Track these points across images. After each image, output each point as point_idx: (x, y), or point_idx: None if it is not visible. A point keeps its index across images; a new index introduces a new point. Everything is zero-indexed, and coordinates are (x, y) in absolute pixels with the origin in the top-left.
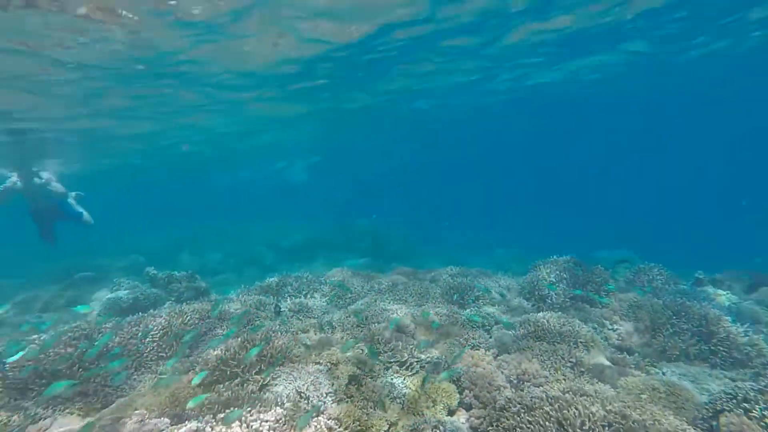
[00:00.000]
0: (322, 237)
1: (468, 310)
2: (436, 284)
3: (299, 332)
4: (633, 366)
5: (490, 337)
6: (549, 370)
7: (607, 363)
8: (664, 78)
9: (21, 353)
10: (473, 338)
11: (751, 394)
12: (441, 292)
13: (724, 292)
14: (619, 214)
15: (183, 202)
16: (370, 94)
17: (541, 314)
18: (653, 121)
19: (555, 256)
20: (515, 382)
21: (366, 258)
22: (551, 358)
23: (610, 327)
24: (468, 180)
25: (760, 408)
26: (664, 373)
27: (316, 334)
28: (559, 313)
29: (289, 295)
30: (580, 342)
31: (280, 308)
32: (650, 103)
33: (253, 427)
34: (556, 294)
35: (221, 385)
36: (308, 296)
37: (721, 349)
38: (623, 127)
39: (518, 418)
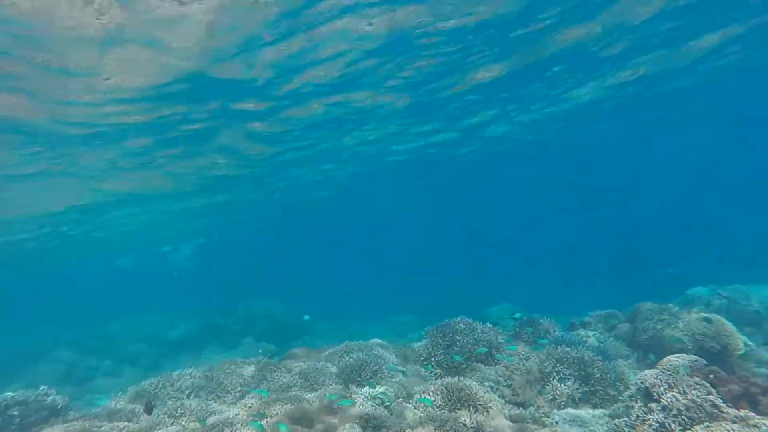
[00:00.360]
0: (212, 323)
1: (366, 388)
2: (333, 363)
3: None
4: (530, 420)
5: (391, 414)
6: None
7: (507, 422)
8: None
9: None
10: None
11: (625, 429)
12: (337, 371)
13: (593, 333)
14: (502, 269)
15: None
16: None
17: (439, 382)
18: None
19: (447, 320)
20: None
21: (264, 342)
22: (453, 427)
23: (504, 383)
24: (356, 250)
25: None
26: (556, 422)
27: None
28: (457, 378)
29: (169, 398)
30: (479, 405)
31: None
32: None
33: None
34: (451, 358)
35: None
36: (191, 396)
37: (599, 388)
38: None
39: None
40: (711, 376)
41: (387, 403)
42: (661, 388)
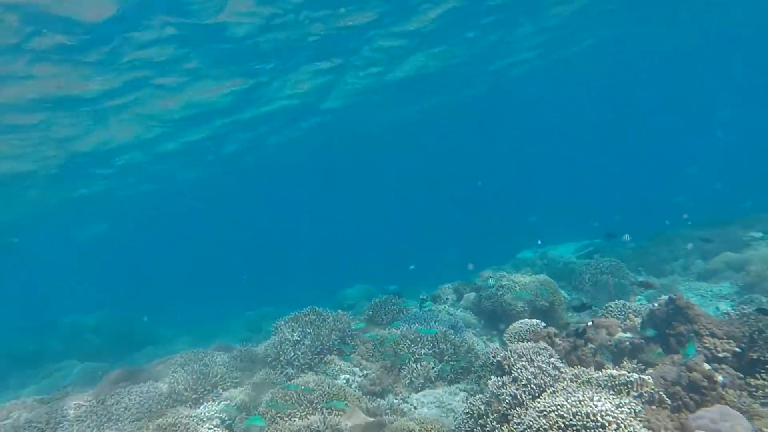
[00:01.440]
0: (16, 349)
1: (202, 409)
2: (163, 382)
3: None
4: (389, 410)
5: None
6: None
7: (364, 417)
8: None
9: None
10: None
11: (482, 408)
12: (168, 390)
13: (443, 307)
14: (355, 249)
15: None
16: None
17: (288, 384)
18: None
19: (296, 311)
20: None
21: (94, 361)
22: None
23: (360, 374)
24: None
25: (490, 422)
26: (414, 407)
27: None
28: (312, 374)
29: None
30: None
31: None
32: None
33: None
34: (302, 353)
35: None
36: None
37: (452, 363)
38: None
39: None
40: (549, 338)
41: (228, 422)
42: (512, 359)
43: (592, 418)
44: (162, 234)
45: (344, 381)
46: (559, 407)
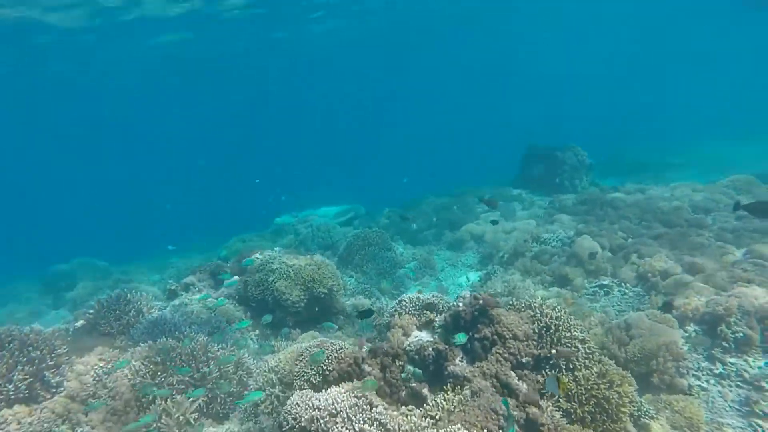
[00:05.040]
0: None
1: None
2: None
3: None
4: None
5: None
6: None
7: None
8: None
9: None
10: None
11: None
12: None
13: (198, 297)
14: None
15: None
16: None
17: None
18: None
19: None
20: None
21: None
22: None
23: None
24: None
25: None
26: None
27: None
28: None
29: None
30: None
31: None
32: None
33: None
34: None
35: None
36: None
37: (219, 394)
38: None
39: None
40: (357, 366)
41: None
42: (322, 423)
43: None
44: None
45: None
46: None
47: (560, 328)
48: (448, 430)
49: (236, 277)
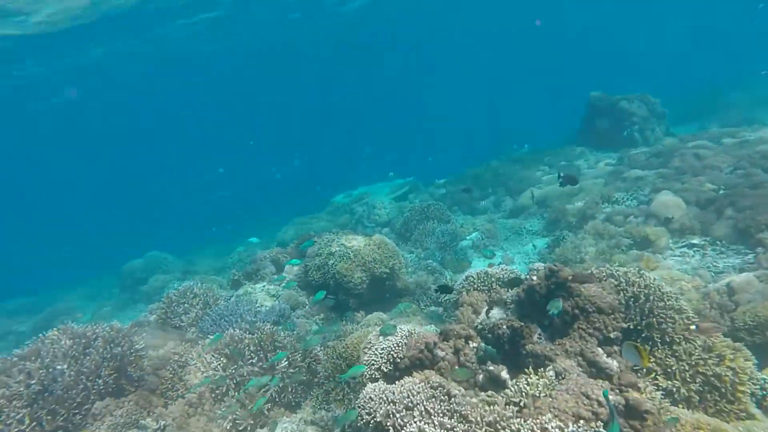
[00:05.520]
0: None
1: None
2: None
3: None
4: None
5: None
6: None
7: None
8: None
9: None
10: None
11: None
12: None
13: (261, 286)
14: (140, 211)
15: None
16: None
17: None
18: None
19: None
20: None
21: None
22: None
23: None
24: None
25: None
26: None
27: None
28: None
29: None
30: None
31: None
32: None
33: None
34: None
35: None
36: None
37: (295, 382)
38: None
39: None
40: (429, 352)
41: None
42: (398, 417)
43: None
44: None
45: None
46: None
47: (651, 297)
48: (539, 421)
49: (296, 262)
